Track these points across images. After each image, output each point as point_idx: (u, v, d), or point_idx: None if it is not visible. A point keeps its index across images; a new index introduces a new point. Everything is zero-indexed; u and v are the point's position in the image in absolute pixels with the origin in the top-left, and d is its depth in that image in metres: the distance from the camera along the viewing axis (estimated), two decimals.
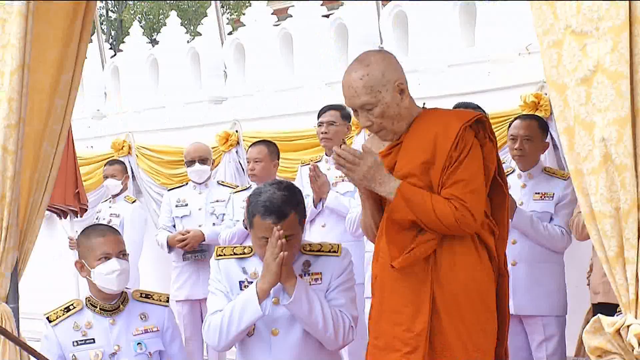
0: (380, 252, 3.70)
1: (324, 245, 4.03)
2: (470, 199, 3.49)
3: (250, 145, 7.10)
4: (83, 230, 4.32)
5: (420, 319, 3.55)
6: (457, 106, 5.99)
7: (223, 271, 3.98)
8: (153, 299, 4.28)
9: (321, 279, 3.96)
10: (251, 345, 3.95)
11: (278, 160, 7.00)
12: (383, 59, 3.62)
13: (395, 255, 3.55)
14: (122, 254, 4.16)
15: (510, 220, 5.19)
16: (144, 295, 4.28)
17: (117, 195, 8.39)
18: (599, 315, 2.68)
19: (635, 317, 2.56)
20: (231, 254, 4.00)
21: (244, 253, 3.99)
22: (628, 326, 2.56)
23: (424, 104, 3.84)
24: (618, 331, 2.57)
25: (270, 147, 6.94)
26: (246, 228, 4.34)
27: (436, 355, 3.55)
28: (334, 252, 3.99)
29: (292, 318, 3.86)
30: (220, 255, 4.01)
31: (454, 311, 3.56)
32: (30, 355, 4.57)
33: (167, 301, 4.32)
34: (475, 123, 3.60)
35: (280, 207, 3.78)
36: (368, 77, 3.55)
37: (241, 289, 3.91)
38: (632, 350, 2.55)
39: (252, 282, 3.87)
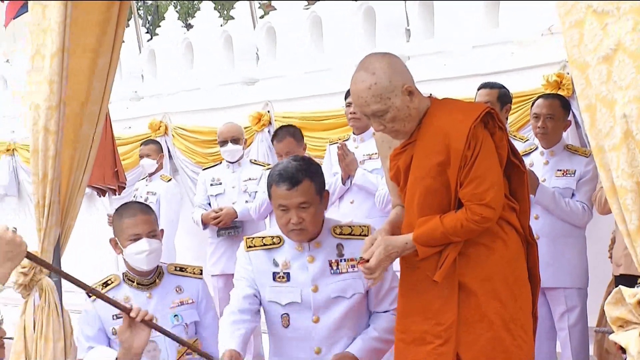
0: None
1: (353, 227, 3.95)
2: (488, 194, 3.50)
3: (274, 135, 7.01)
4: (116, 210, 4.31)
5: (450, 313, 3.57)
6: (483, 86, 5.97)
7: (254, 263, 3.90)
8: (187, 272, 4.28)
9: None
10: (290, 335, 3.90)
11: (303, 141, 6.97)
12: (388, 65, 3.53)
13: (432, 269, 3.59)
14: (153, 234, 4.13)
15: (532, 196, 5.22)
16: (178, 269, 4.29)
17: (153, 173, 8.43)
18: (620, 286, 2.66)
19: None
20: (261, 245, 3.92)
21: (274, 243, 3.91)
22: None
23: (430, 94, 3.82)
24: (639, 302, 2.56)
25: (296, 135, 6.87)
26: None
27: (475, 340, 3.57)
28: (364, 235, 3.91)
29: (331, 302, 3.83)
30: (250, 246, 3.93)
31: (490, 291, 3.58)
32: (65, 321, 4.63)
33: (201, 273, 4.32)
34: (484, 115, 3.58)
35: (293, 174, 3.74)
36: (376, 85, 3.48)
37: (274, 280, 3.86)
38: None
39: (288, 273, 3.85)
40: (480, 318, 3.57)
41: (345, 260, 3.87)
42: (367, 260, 3.57)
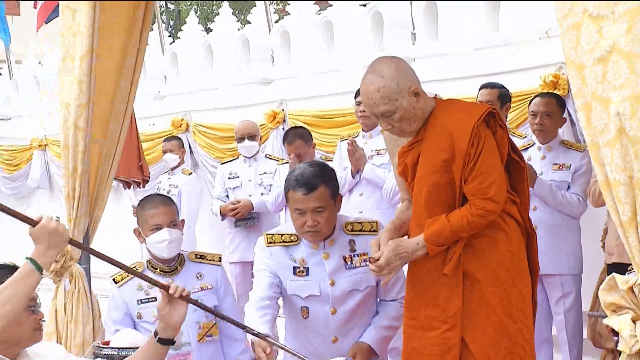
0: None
1: (363, 224, 3.94)
2: (491, 188, 3.50)
3: (284, 140, 6.95)
4: (140, 201, 4.30)
5: (455, 301, 3.58)
6: (484, 86, 5.96)
7: (275, 258, 3.87)
8: (207, 259, 4.27)
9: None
10: (309, 325, 3.90)
11: (312, 140, 6.94)
12: (395, 68, 3.53)
13: (440, 262, 3.59)
14: (173, 224, 4.12)
15: (531, 188, 5.20)
16: (198, 257, 4.28)
17: (175, 167, 8.45)
18: (613, 274, 2.65)
19: None
20: (280, 242, 3.90)
21: (292, 241, 3.89)
22: None
23: (435, 95, 3.81)
24: (631, 288, 2.56)
25: (304, 137, 6.84)
26: None
27: (479, 325, 3.58)
28: (374, 230, 3.92)
29: (347, 295, 3.82)
30: (270, 242, 3.90)
31: (493, 279, 3.58)
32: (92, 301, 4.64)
33: (220, 261, 4.31)
34: (486, 115, 3.58)
35: (309, 180, 3.73)
36: (384, 88, 3.48)
37: (294, 274, 3.84)
38: None
39: (308, 268, 3.85)
40: (483, 305, 3.57)
41: (357, 255, 3.87)
42: (378, 259, 3.58)
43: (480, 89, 5.99)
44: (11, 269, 3.09)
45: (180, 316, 3.21)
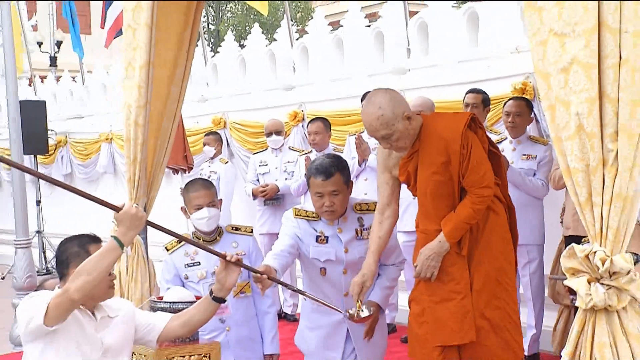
0: (426, 233, 3.73)
1: (369, 204, 3.91)
2: (486, 177, 3.58)
3: (310, 121, 7.17)
4: (185, 185, 4.29)
5: (464, 274, 3.63)
6: (471, 91, 5.97)
7: (301, 227, 3.86)
8: (241, 231, 4.25)
9: None
10: (325, 281, 3.88)
11: (330, 131, 7.06)
12: (390, 99, 3.56)
13: (454, 246, 3.64)
14: (212, 204, 4.09)
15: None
16: (234, 229, 4.26)
17: (213, 157, 8.47)
18: (573, 244, 2.64)
19: (600, 246, 2.53)
20: (305, 216, 3.88)
21: (313, 217, 3.87)
22: (594, 252, 2.53)
23: (420, 112, 3.85)
24: (587, 256, 2.54)
25: (325, 122, 7.04)
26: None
27: (480, 290, 3.63)
28: None
29: (357, 260, 3.79)
30: (297, 215, 3.89)
31: (488, 252, 3.65)
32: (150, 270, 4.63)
33: (252, 232, 4.29)
34: (470, 120, 3.63)
35: (327, 169, 3.72)
36: (383, 117, 3.52)
37: (317, 242, 3.82)
38: (597, 269, 2.52)
39: (327, 237, 3.83)
40: (481, 269, 3.64)
41: (366, 230, 3.84)
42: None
43: (467, 93, 5.98)
44: (93, 238, 3.12)
45: (234, 279, 3.22)
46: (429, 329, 3.65)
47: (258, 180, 7.62)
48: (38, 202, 11.63)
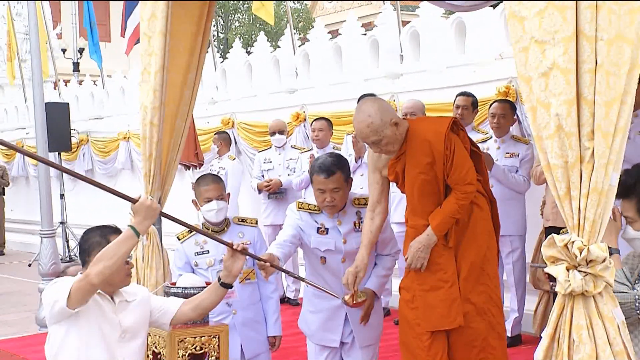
0: (415, 227, 3.72)
1: (366, 199, 3.87)
2: (468, 175, 3.58)
3: (315, 119, 7.23)
4: (196, 180, 4.27)
5: (451, 264, 3.63)
6: (461, 94, 5.98)
7: (303, 219, 3.84)
8: (247, 222, 4.23)
9: None
10: (325, 269, 3.86)
11: (332, 130, 7.09)
12: (378, 108, 3.55)
13: (441, 238, 3.63)
14: (221, 197, 4.07)
15: (489, 171, 5.19)
16: (240, 220, 4.23)
17: (222, 154, 8.47)
18: (552, 234, 2.63)
19: (578, 236, 2.52)
20: (307, 209, 3.86)
21: (315, 210, 3.85)
22: (573, 242, 2.52)
23: (405, 115, 3.84)
24: (566, 245, 2.53)
25: (328, 122, 7.12)
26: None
27: (466, 278, 3.63)
28: None
29: (355, 250, 3.75)
30: (300, 208, 3.87)
31: (473, 243, 3.65)
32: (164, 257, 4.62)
33: (256, 223, 4.28)
34: (452, 124, 3.63)
35: (329, 167, 3.70)
36: (372, 124, 3.51)
37: (318, 233, 3.81)
38: (575, 258, 2.52)
39: (328, 229, 3.80)
40: (467, 259, 3.64)
41: (363, 222, 3.81)
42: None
43: (457, 96, 5.97)
44: (114, 229, 3.12)
45: (240, 266, 3.21)
46: (419, 315, 3.64)
47: (263, 175, 7.62)
48: (62, 196, 11.65)
